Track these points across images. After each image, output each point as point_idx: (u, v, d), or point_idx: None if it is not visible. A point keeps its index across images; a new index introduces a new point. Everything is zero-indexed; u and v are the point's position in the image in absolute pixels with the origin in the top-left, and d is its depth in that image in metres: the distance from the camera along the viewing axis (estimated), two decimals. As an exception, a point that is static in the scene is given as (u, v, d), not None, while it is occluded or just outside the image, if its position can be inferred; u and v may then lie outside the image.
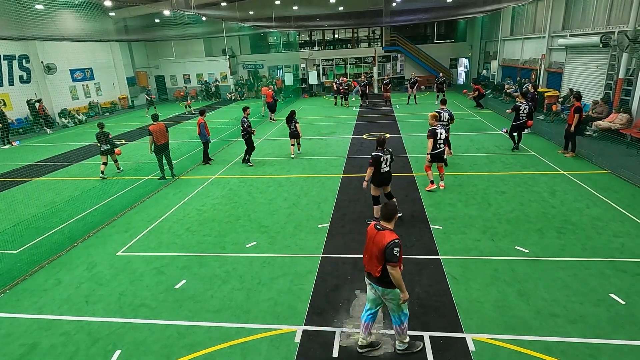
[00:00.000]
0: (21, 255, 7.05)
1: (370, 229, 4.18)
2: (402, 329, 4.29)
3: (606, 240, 6.49)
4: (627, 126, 11.95)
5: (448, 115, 10.56)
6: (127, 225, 8.14)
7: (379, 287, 4.12)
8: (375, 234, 4.07)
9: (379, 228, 4.08)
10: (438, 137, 8.57)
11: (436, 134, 8.57)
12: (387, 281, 4.03)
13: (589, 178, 9.30)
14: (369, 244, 4.16)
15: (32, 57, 20.51)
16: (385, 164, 7.21)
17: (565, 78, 17.30)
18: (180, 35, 28.07)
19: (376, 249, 4.00)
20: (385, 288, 4.08)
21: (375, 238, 4.04)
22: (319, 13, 27.13)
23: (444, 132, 8.68)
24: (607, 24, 14.23)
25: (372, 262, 4.09)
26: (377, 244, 3.99)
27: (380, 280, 4.07)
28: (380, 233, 4.01)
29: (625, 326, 4.57)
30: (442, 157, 8.75)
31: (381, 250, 3.94)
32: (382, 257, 3.95)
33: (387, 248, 3.89)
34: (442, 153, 8.71)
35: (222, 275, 6.08)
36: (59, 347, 4.76)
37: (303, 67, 30.93)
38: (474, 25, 29.47)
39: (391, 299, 4.13)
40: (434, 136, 8.57)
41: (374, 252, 4.03)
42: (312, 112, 21.58)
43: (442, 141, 8.64)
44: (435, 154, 8.67)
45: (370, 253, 4.12)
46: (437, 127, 8.65)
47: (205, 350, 4.56)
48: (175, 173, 11.22)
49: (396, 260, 3.91)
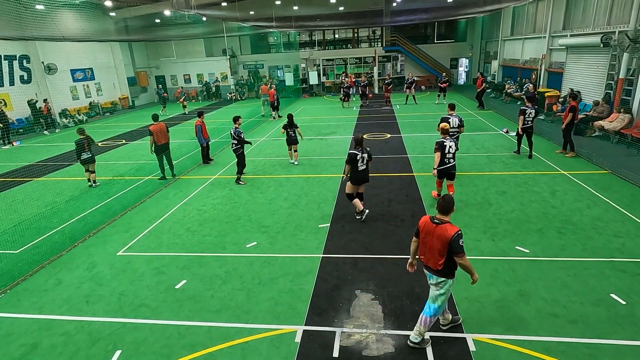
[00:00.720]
0: (22, 255, 7.05)
1: (427, 224, 4.20)
2: (430, 321, 4.33)
3: (606, 240, 6.48)
4: (628, 126, 11.95)
5: (457, 121, 9.49)
6: (127, 225, 8.15)
7: (434, 277, 4.20)
8: (434, 228, 4.10)
9: (436, 222, 4.11)
10: (446, 151, 7.63)
11: (444, 147, 7.62)
12: (446, 272, 4.11)
13: (589, 178, 9.30)
14: (427, 238, 4.19)
15: (33, 57, 20.53)
16: (361, 162, 7.26)
17: (565, 78, 17.29)
18: (180, 35, 28.08)
19: (438, 243, 4.04)
20: (441, 277, 4.16)
21: (435, 232, 4.08)
22: (320, 13, 27.12)
23: (453, 145, 7.65)
24: (608, 24, 14.22)
25: (433, 256, 4.13)
26: (440, 237, 4.03)
27: (440, 271, 4.13)
28: (441, 227, 4.05)
29: (625, 326, 4.57)
30: (452, 173, 7.81)
31: (445, 244, 3.98)
32: (446, 250, 4.00)
33: (453, 241, 3.94)
34: (452, 169, 7.76)
35: (223, 275, 6.08)
36: (59, 347, 4.76)
37: (303, 67, 30.93)
38: (475, 25, 29.45)
39: (440, 287, 4.19)
40: (441, 149, 7.64)
41: (436, 246, 4.08)
42: (312, 112, 21.59)
43: (452, 155, 7.68)
44: (444, 169, 7.75)
45: (430, 247, 4.16)
46: (446, 139, 7.69)
47: (205, 350, 4.56)
48: (175, 173, 11.23)
49: (462, 252, 3.97)
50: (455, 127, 9.40)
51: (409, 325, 4.76)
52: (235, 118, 10.26)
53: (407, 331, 4.66)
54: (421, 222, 4.28)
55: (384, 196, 8.86)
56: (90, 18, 22.28)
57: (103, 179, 11.26)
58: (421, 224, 4.27)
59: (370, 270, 6.01)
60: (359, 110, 21.38)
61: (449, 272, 4.12)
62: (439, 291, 4.21)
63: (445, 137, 7.78)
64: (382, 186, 9.48)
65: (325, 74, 31.14)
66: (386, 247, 6.66)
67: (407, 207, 8.23)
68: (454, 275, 4.19)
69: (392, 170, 10.66)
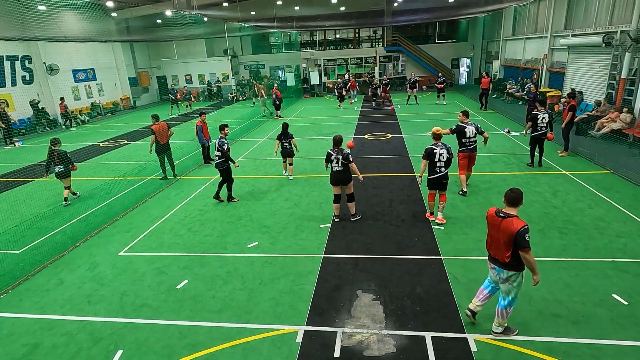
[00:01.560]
0: (23, 256, 7.07)
1: (492, 217, 4.22)
2: (506, 313, 4.35)
3: (608, 240, 6.47)
4: (630, 126, 11.92)
5: (474, 130, 8.30)
6: (128, 226, 8.16)
7: (504, 270, 4.20)
8: (500, 222, 4.12)
9: (502, 215, 4.13)
10: (436, 159, 6.96)
11: (433, 155, 6.96)
12: (513, 265, 4.11)
13: (591, 178, 9.27)
14: (492, 231, 4.22)
15: (35, 57, 20.58)
16: (336, 163, 7.23)
17: (567, 78, 17.25)
18: (182, 35, 28.14)
19: (504, 236, 4.06)
20: (510, 271, 4.16)
21: (501, 225, 4.10)
22: (321, 13, 27.12)
23: (445, 152, 6.93)
24: (610, 24, 14.19)
25: (499, 249, 4.15)
26: (505, 231, 4.04)
27: (508, 265, 4.14)
28: (507, 220, 4.07)
29: (627, 327, 4.55)
30: (444, 183, 7.13)
31: (511, 237, 3.99)
32: (511, 243, 4.00)
33: (519, 235, 3.95)
34: (443, 178, 7.08)
35: (224, 276, 6.09)
36: (60, 347, 4.77)
37: (305, 67, 30.94)
38: (476, 25, 29.43)
39: (512, 282, 4.20)
40: (429, 157, 7.00)
41: (501, 240, 4.09)
42: (313, 113, 21.59)
43: (443, 164, 6.99)
44: (434, 179, 7.11)
45: (496, 240, 4.18)
46: (437, 146, 6.99)
47: (206, 350, 4.57)
48: (177, 173, 11.24)
49: (528, 246, 3.96)
50: (473, 137, 8.35)
51: (410, 325, 4.76)
52: (222, 126, 8.91)
53: (409, 331, 4.66)
54: (488, 214, 4.33)
55: (385, 196, 8.86)
56: (92, 18, 22.36)
57: (105, 179, 11.28)
58: (488, 216, 4.33)
59: (371, 270, 6.01)
60: (360, 110, 21.37)
61: (518, 264, 4.13)
62: (511, 285, 4.23)
63: (436, 143, 7.06)
64: (383, 186, 9.47)
65: (326, 74, 31.14)
66: (387, 247, 6.66)
67: (409, 207, 8.22)
68: (524, 268, 4.19)
69: (394, 171, 10.66)
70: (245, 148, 14.28)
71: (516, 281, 4.20)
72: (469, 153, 8.51)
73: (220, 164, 8.65)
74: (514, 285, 4.22)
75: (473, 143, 8.47)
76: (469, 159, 8.61)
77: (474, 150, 8.53)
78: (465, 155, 8.52)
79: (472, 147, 8.48)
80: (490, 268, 4.42)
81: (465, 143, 8.43)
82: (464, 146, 8.47)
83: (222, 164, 8.64)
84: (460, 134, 8.38)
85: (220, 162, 8.64)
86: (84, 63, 24.07)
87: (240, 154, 13.39)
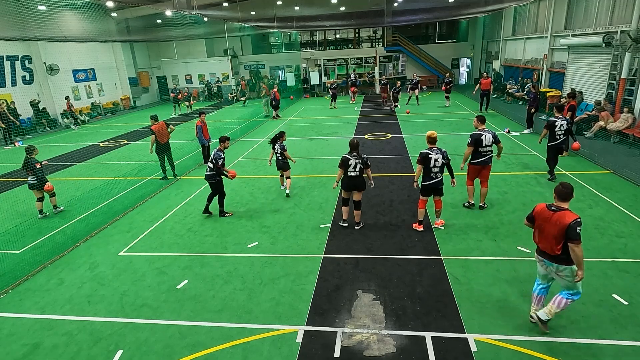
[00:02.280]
0: (24, 255, 7.07)
1: (543, 211, 4.31)
2: (565, 303, 4.35)
3: (608, 240, 6.47)
4: (631, 126, 11.92)
5: (492, 138, 7.48)
6: (129, 226, 8.16)
7: (554, 264, 4.26)
8: (551, 215, 4.21)
9: (554, 209, 4.22)
10: (431, 165, 6.67)
11: (428, 161, 6.66)
12: (563, 258, 4.17)
13: (591, 178, 9.27)
14: (543, 224, 4.28)
15: (35, 57, 20.59)
16: (352, 168, 6.88)
17: (567, 78, 17.25)
18: (182, 35, 28.13)
19: (555, 229, 4.13)
20: (561, 264, 4.21)
21: (552, 219, 4.18)
22: (321, 13, 27.12)
23: (440, 157, 6.66)
24: (610, 24, 14.19)
25: (549, 242, 4.22)
26: (557, 224, 4.12)
27: (557, 258, 4.19)
28: (559, 213, 4.15)
29: (627, 327, 4.55)
30: (439, 189, 6.90)
31: (562, 230, 4.06)
32: (563, 236, 4.07)
33: (570, 228, 4.02)
34: (439, 184, 6.83)
35: (224, 276, 6.09)
36: (61, 347, 4.77)
37: (305, 67, 30.95)
38: (476, 25, 29.43)
39: (566, 276, 4.24)
40: (424, 163, 6.69)
41: (552, 233, 4.17)
42: (313, 113, 21.59)
43: (439, 169, 6.73)
44: (429, 185, 6.82)
45: (546, 233, 4.25)
46: (433, 150, 6.68)
47: (206, 350, 4.57)
48: (177, 173, 11.24)
49: (579, 239, 4.02)
50: (489, 145, 7.49)
51: (410, 325, 4.76)
52: (223, 139, 8.34)
53: (409, 331, 4.67)
54: (537, 209, 4.41)
55: (385, 196, 8.86)
56: (92, 18, 22.35)
57: (105, 179, 11.28)
58: (536, 211, 4.40)
59: (371, 270, 6.01)
60: (360, 110, 21.36)
61: (568, 258, 4.16)
62: (567, 279, 4.26)
63: (431, 147, 6.74)
64: (384, 186, 9.47)
65: (326, 74, 31.14)
66: (387, 247, 6.66)
67: (409, 207, 8.21)
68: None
69: (394, 171, 10.66)
70: (245, 148, 14.28)
71: (570, 274, 4.22)
72: (483, 166, 7.55)
73: (211, 177, 8.04)
74: (569, 278, 4.24)
75: (489, 153, 7.51)
76: (480, 171, 7.63)
77: (489, 161, 7.55)
78: (477, 169, 7.60)
79: (488, 157, 7.52)
80: (539, 261, 4.50)
81: (482, 152, 7.46)
82: (479, 156, 7.48)
83: (213, 177, 8.04)
84: (477, 143, 7.38)
85: (211, 175, 8.02)
86: (84, 63, 24.07)
87: (240, 154, 13.39)
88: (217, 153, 8.03)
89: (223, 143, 8.29)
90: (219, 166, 7.94)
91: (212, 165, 7.97)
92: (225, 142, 8.31)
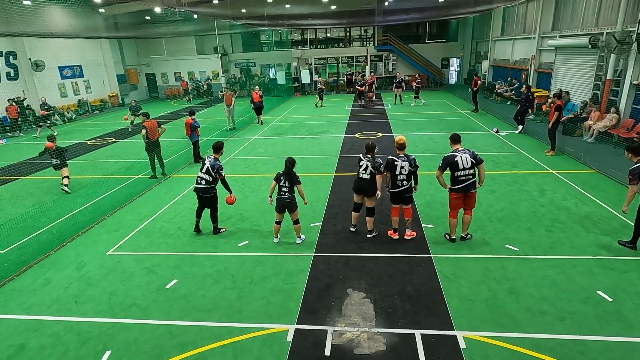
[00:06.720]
0: (9, 255, 6.93)
1: None
2: None
3: (594, 238, 6.59)
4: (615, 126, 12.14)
5: (470, 158, 6.26)
6: (117, 225, 8.06)
7: None
8: None
9: None
10: (397, 172, 6.36)
11: (394, 168, 6.37)
12: None
13: (577, 177, 9.43)
14: None
15: (20, 53, 20.14)
16: (363, 170, 6.60)
17: (554, 78, 17.51)
18: (171, 32, 27.83)
19: None
20: None
21: None
22: (312, 12, 27.08)
23: (407, 165, 6.29)
24: (596, 25, 14.43)
25: None
26: None
27: None
28: None
29: (612, 323, 4.65)
30: (407, 197, 6.53)
31: None
32: None
33: None
34: (406, 192, 6.48)
35: (214, 275, 6.05)
36: (47, 348, 4.70)
37: (295, 65, 30.88)
38: (466, 25, 29.68)
39: None
40: (389, 169, 6.41)
41: None
42: (304, 111, 21.56)
43: (405, 177, 6.39)
44: (395, 193, 6.51)
45: None
46: (400, 157, 6.37)
47: (196, 350, 4.54)
48: (166, 172, 11.13)
49: None
50: (468, 167, 6.24)
51: (400, 323, 4.80)
52: (218, 146, 7.31)
53: (399, 329, 4.70)
54: None
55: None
56: (79, 14, 21.95)
57: (92, 177, 11.11)
58: None
59: (362, 269, 6.03)
60: (350, 109, 21.40)
61: None
62: None
63: (399, 153, 6.39)
64: (374, 185, 9.49)
65: (317, 73, 31.11)
66: (378, 245, 6.69)
67: (399, 206, 8.24)
68: None
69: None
70: (235, 146, 14.20)
71: None
72: (465, 193, 6.34)
73: (207, 190, 6.98)
74: None
75: (470, 177, 6.26)
76: (463, 199, 6.43)
77: (471, 187, 6.31)
78: (457, 196, 6.39)
79: (469, 182, 6.26)
80: None
81: (459, 178, 6.26)
82: (456, 182, 6.30)
83: (209, 190, 7.00)
84: (451, 167, 6.31)
85: (206, 188, 6.97)
86: (70, 59, 23.67)
87: (230, 151, 13.31)
88: (217, 163, 7.00)
89: (218, 152, 7.24)
90: (223, 177, 7.00)
91: (210, 177, 6.96)
92: (221, 150, 7.29)
